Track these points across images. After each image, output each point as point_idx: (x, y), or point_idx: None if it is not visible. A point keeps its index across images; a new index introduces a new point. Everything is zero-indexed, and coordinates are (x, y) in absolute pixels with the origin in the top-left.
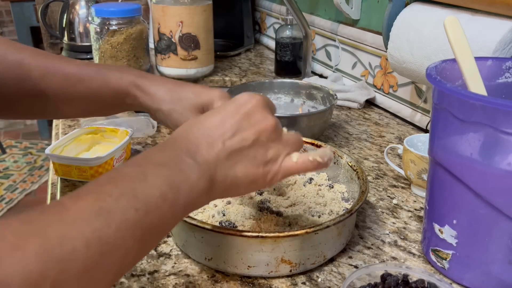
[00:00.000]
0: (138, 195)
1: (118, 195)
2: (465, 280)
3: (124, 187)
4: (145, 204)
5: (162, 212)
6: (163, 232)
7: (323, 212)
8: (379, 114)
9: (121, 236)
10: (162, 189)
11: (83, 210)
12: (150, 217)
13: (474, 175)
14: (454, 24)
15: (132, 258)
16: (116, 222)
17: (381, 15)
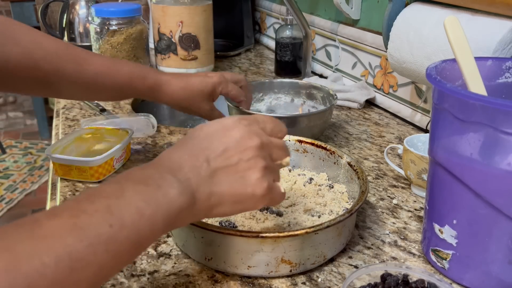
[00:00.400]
0: (114, 211)
1: (92, 211)
2: (465, 280)
3: (100, 203)
4: (119, 219)
5: (138, 227)
6: (141, 246)
7: (323, 212)
8: (379, 114)
9: (93, 251)
10: (138, 205)
11: (56, 226)
12: (125, 232)
13: (474, 175)
14: (454, 24)
15: (107, 272)
16: (88, 238)
17: (381, 15)
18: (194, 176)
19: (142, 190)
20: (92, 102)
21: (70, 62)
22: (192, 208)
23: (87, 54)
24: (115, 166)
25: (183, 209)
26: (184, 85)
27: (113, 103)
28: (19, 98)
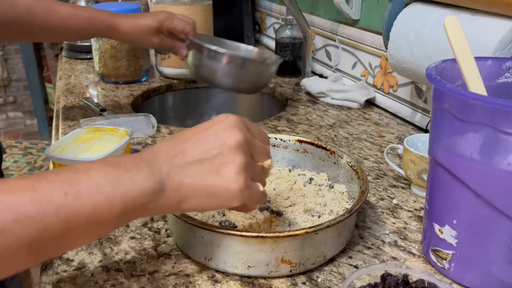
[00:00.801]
0: (73, 182)
1: (54, 180)
2: (465, 280)
3: (64, 175)
4: (76, 190)
5: (94, 201)
6: (98, 224)
7: (323, 212)
8: (379, 114)
9: (41, 211)
10: (99, 182)
11: (17, 184)
12: (79, 203)
13: (474, 175)
14: (454, 24)
15: (57, 237)
16: (40, 199)
17: (381, 15)
18: (167, 166)
19: (109, 170)
20: (92, 102)
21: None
22: (159, 197)
23: (55, 4)
24: None
25: (146, 195)
26: (134, 23)
27: (112, 103)
28: (19, 98)
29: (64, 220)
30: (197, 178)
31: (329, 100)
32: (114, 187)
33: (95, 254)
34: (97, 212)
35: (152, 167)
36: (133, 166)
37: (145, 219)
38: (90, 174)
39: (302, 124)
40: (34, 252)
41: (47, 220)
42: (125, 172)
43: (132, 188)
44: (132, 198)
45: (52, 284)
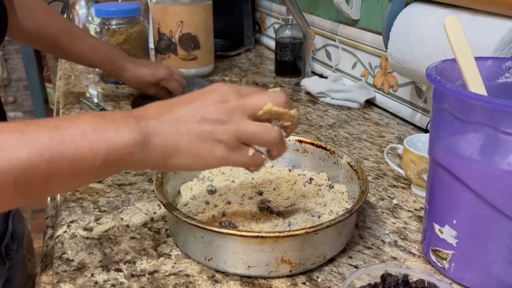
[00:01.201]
0: (60, 129)
1: (43, 125)
2: (465, 280)
3: (53, 122)
4: (62, 135)
5: (77, 147)
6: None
7: (323, 212)
8: (379, 114)
9: (26, 150)
10: (84, 129)
11: (7, 127)
12: (63, 146)
13: (474, 175)
14: (454, 24)
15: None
16: (26, 140)
17: (381, 15)
18: (154, 122)
19: (96, 121)
20: (92, 102)
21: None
22: (144, 150)
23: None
24: None
25: (130, 146)
26: (137, 75)
27: (113, 104)
28: (19, 98)
29: (48, 161)
30: (183, 139)
31: (329, 100)
32: (98, 135)
33: (95, 254)
34: (80, 158)
35: (139, 122)
36: (120, 119)
37: (145, 219)
38: (77, 123)
39: (302, 124)
40: (20, 190)
41: (32, 159)
42: (111, 123)
43: (116, 138)
44: (116, 148)
45: (52, 284)
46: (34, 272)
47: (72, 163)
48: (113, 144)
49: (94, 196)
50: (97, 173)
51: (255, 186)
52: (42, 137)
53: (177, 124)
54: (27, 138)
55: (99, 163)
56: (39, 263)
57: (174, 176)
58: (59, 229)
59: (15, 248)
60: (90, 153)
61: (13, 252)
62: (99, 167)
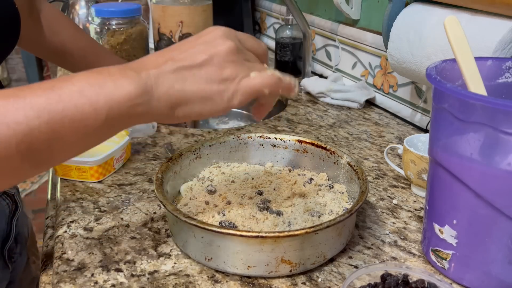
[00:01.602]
0: (55, 88)
1: (36, 88)
2: (465, 280)
3: (46, 84)
4: (58, 95)
5: (77, 104)
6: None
7: (323, 212)
8: (379, 114)
9: (23, 114)
10: (81, 86)
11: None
12: (62, 105)
13: (474, 175)
14: (454, 24)
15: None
16: (21, 103)
17: (381, 15)
18: (155, 71)
19: (92, 76)
20: None
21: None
22: (149, 101)
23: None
24: (115, 166)
25: (132, 98)
26: None
27: None
28: None
29: (48, 122)
30: (190, 84)
31: (329, 100)
32: (97, 90)
33: (95, 254)
34: (82, 116)
35: (139, 73)
36: (117, 72)
37: (145, 219)
38: (72, 81)
39: (302, 124)
40: (25, 156)
41: (30, 122)
42: (108, 77)
43: (116, 91)
44: (117, 102)
45: (52, 284)
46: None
47: (74, 122)
48: (114, 97)
49: (94, 196)
50: (102, 132)
51: (255, 186)
52: (38, 98)
53: (180, 70)
54: (22, 101)
55: (102, 119)
56: None
57: (174, 176)
58: (59, 229)
59: (19, 250)
60: (91, 109)
61: (17, 255)
62: (102, 125)
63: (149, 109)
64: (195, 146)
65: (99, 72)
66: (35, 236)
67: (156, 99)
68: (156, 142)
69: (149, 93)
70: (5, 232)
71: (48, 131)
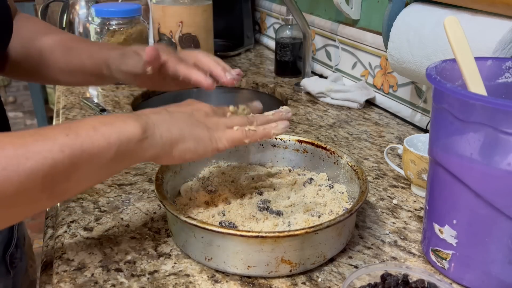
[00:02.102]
0: (72, 127)
1: (54, 128)
2: (465, 280)
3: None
4: (75, 132)
5: (93, 139)
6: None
7: (323, 212)
8: (379, 114)
9: (48, 149)
10: (94, 124)
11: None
12: (80, 141)
13: (474, 175)
14: (454, 24)
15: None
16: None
17: (381, 15)
18: (153, 116)
19: (102, 118)
20: (92, 102)
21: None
22: (152, 137)
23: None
24: None
25: (139, 133)
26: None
27: (113, 103)
28: (19, 98)
29: (69, 156)
30: (184, 126)
31: (329, 100)
32: (109, 127)
33: (95, 254)
34: (97, 150)
35: (140, 116)
36: (122, 115)
37: (145, 219)
38: (85, 121)
39: (302, 124)
40: (46, 187)
41: (55, 156)
42: (115, 118)
43: (126, 128)
44: (127, 137)
45: (52, 284)
46: (35, 277)
47: (91, 156)
48: (124, 133)
49: (94, 196)
50: (112, 166)
51: (255, 186)
52: (59, 136)
53: (174, 116)
54: (46, 139)
55: (113, 153)
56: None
57: (174, 176)
58: (59, 229)
59: (19, 256)
60: (105, 143)
61: (17, 260)
62: (113, 158)
63: (153, 144)
64: None
65: (107, 116)
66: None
67: (158, 136)
68: None
69: (152, 130)
70: (6, 238)
71: (69, 164)
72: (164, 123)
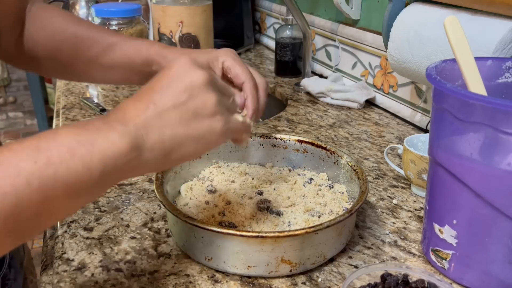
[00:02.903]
0: (41, 149)
1: (19, 149)
2: (465, 280)
3: (29, 143)
4: (46, 157)
5: (69, 166)
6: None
7: (323, 212)
8: (379, 114)
9: (11, 183)
10: (70, 145)
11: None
12: (52, 169)
13: (474, 175)
14: (454, 24)
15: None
16: (6, 171)
17: (381, 15)
18: (141, 120)
19: (78, 132)
20: (92, 102)
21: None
22: (142, 153)
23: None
24: None
25: (126, 153)
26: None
27: (113, 103)
28: (19, 98)
29: (39, 190)
30: (179, 126)
31: (329, 100)
32: (88, 148)
33: (95, 254)
34: (76, 178)
35: (125, 125)
36: (104, 126)
37: (145, 219)
38: (57, 140)
39: (302, 124)
40: (12, 230)
41: (19, 192)
42: (96, 132)
43: (109, 146)
44: (112, 158)
45: (52, 284)
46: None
47: (67, 185)
48: (108, 154)
49: None
50: (94, 190)
51: (255, 186)
52: (24, 163)
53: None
54: (7, 168)
55: (96, 178)
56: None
57: (174, 176)
58: (59, 229)
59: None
60: (85, 170)
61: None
62: (95, 183)
63: (145, 162)
64: None
65: (85, 127)
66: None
67: (149, 150)
68: None
69: (141, 146)
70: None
71: (39, 198)
72: (154, 126)
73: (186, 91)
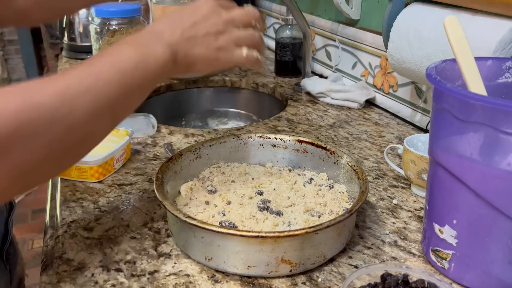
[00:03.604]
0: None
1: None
2: (465, 280)
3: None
4: (121, 72)
5: (135, 75)
6: (144, 88)
7: (323, 212)
8: (379, 114)
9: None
10: (135, 60)
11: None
12: (129, 78)
13: (474, 175)
14: (454, 24)
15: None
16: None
17: (381, 15)
18: (174, 40)
19: (136, 49)
20: None
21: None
22: (175, 63)
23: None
24: (115, 166)
25: (168, 63)
26: None
27: None
28: None
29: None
30: (198, 50)
31: (329, 100)
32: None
33: (95, 254)
34: (140, 80)
35: (162, 42)
36: (149, 43)
37: (145, 219)
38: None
39: (302, 124)
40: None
41: (113, 83)
42: (148, 48)
43: (157, 60)
44: (159, 67)
45: (52, 284)
46: (23, 274)
47: (138, 88)
48: (157, 65)
49: (94, 196)
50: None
51: (255, 186)
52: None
53: (190, 40)
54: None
55: (151, 80)
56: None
57: (174, 176)
58: (59, 229)
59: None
60: (145, 77)
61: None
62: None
63: (173, 70)
64: (195, 146)
65: (139, 44)
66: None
67: (178, 63)
68: (156, 142)
69: (175, 60)
70: (2, 234)
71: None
72: (183, 48)
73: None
